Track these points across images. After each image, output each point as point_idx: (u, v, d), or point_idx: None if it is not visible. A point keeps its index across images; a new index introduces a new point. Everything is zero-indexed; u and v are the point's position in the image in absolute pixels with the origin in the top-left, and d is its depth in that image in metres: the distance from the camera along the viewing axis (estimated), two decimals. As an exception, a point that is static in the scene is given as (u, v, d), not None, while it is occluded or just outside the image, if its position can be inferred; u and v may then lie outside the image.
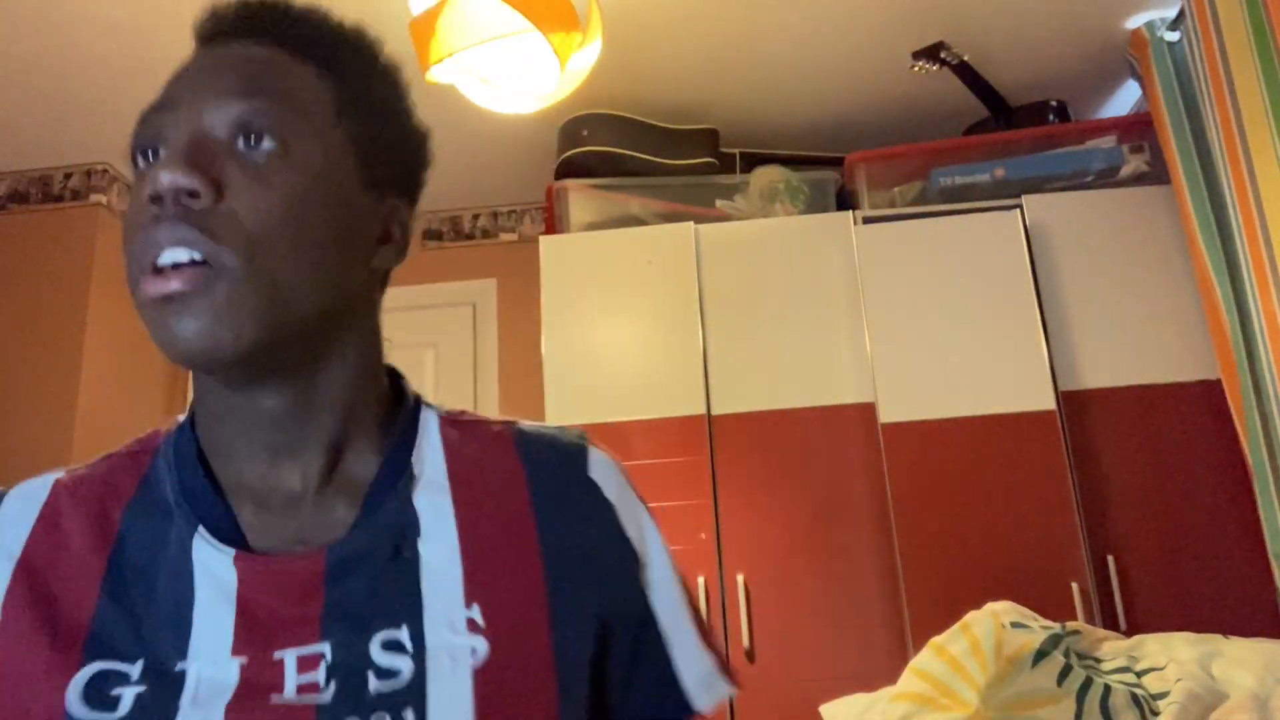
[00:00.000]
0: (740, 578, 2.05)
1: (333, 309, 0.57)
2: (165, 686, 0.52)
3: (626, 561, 0.62)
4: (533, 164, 2.67)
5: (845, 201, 2.46)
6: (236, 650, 0.53)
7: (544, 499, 0.61)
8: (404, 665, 0.53)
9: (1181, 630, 1.46)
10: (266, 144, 0.55)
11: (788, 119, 2.63)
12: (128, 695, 0.51)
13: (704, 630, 0.66)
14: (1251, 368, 1.95)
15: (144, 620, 0.54)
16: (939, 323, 2.18)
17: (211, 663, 0.52)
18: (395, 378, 0.67)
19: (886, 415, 2.13)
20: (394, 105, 0.66)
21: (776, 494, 2.14)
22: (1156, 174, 2.27)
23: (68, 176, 2.66)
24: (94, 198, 2.64)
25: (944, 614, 1.48)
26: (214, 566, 0.55)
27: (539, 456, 0.63)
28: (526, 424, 0.67)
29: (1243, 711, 1.15)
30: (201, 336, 0.51)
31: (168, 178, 0.51)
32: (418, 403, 0.66)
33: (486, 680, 0.54)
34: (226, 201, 0.52)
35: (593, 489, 0.63)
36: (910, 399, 2.13)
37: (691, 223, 2.34)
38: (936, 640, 1.35)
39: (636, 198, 2.42)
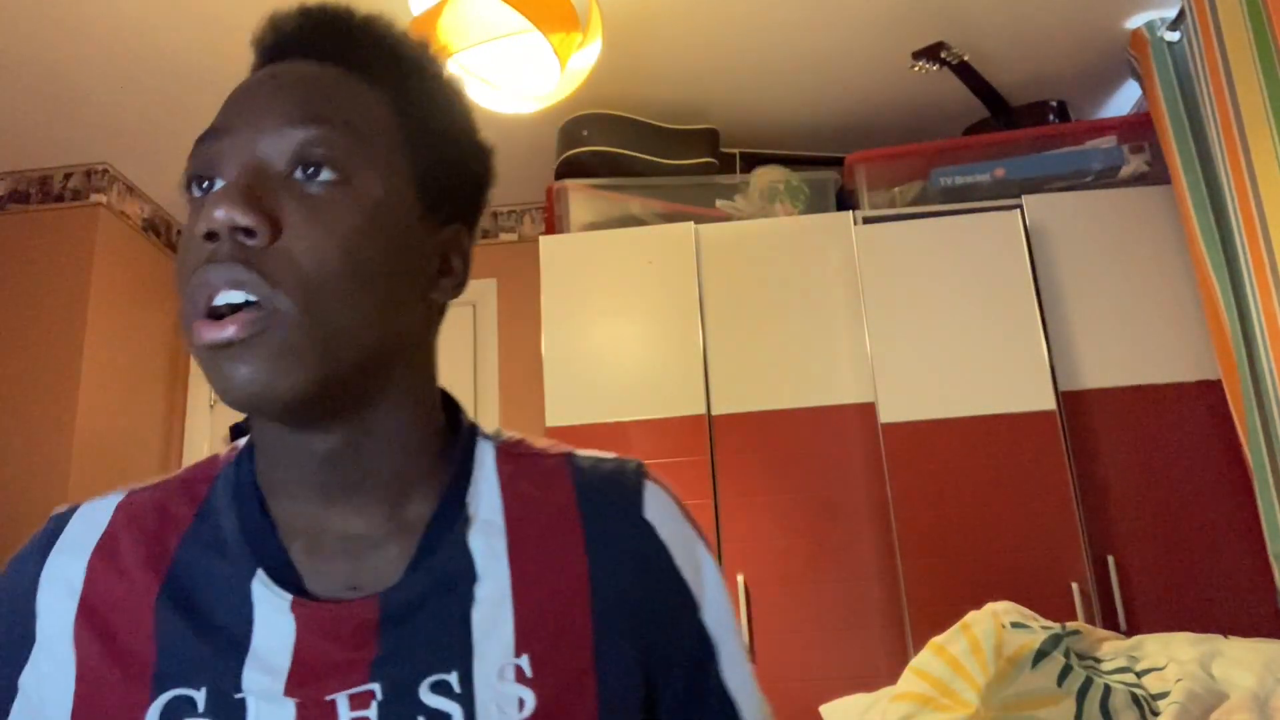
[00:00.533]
0: (740, 578, 2.05)
1: (388, 348, 0.56)
2: (228, 717, 0.52)
3: (681, 605, 0.61)
4: (533, 164, 2.67)
5: (845, 201, 2.46)
6: (290, 691, 0.52)
7: (598, 542, 0.60)
8: (453, 711, 0.53)
9: (1181, 630, 1.46)
10: (325, 174, 0.53)
11: (788, 119, 2.63)
12: None
13: (751, 671, 0.65)
14: (1251, 368, 1.95)
15: (202, 650, 0.54)
16: (939, 323, 2.18)
17: (267, 700, 0.52)
18: (450, 407, 0.65)
19: (886, 415, 2.13)
20: (458, 125, 0.63)
21: (776, 494, 2.14)
22: (1156, 174, 2.27)
23: (68, 176, 2.66)
24: (94, 198, 2.64)
25: (944, 614, 1.48)
26: (271, 609, 0.55)
27: (595, 496, 0.62)
28: (582, 456, 0.65)
29: (1243, 711, 1.15)
30: (257, 383, 0.49)
31: (223, 214, 0.49)
32: (473, 434, 0.64)
33: None
34: (283, 240, 0.51)
35: (648, 531, 0.61)
36: (910, 399, 2.13)
37: (691, 223, 2.34)
38: (936, 640, 1.35)
39: (636, 198, 2.42)
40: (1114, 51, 2.39)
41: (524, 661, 0.55)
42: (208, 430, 2.90)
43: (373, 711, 0.52)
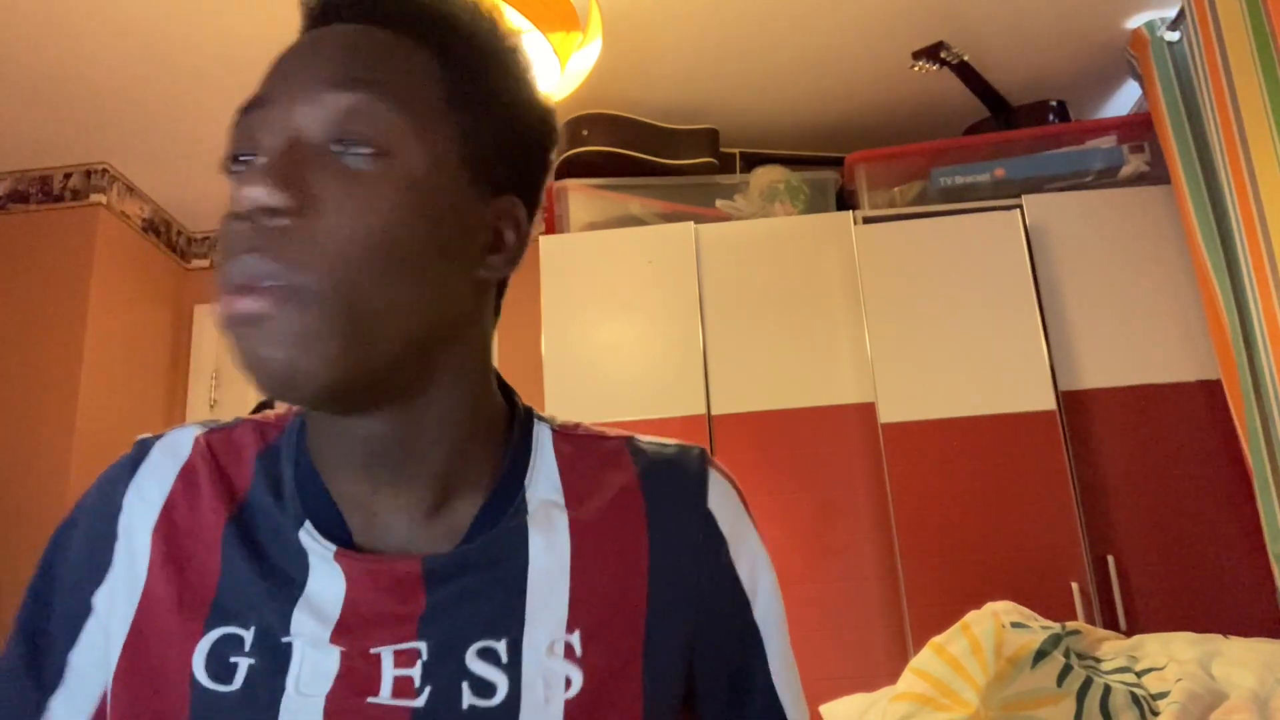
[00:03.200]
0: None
1: (432, 333, 0.53)
2: (273, 660, 0.52)
3: (734, 600, 0.60)
4: (533, 164, 2.66)
5: (845, 201, 2.46)
6: (336, 638, 0.52)
7: (659, 527, 0.59)
8: (499, 681, 0.52)
9: (1181, 630, 1.46)
10: (364, 147, 0.50)
11: (788, 119, 2.63)
12: (242, 666, 0.52)
13: (797, 674, 0.64)
14: (1251, 368, 1.94)
15: (259, 587, 0.54)
16: (939, 323, 2.18)
17: (313, 645, 0.52)
18: (505, 390, 0.64)
19: (886, 415, 2.13)
20: (513, 86, 0.59)
21: (776, 494, 2.14)
22: (1156, 174, 2.27)
23: (68, 176, 2.66)
24: (94, 198, 2.64)
25: (944, 614, 1.48)
26: (320, 559, 0.54)
27: (658, 480, 0.60)
28: (643, 440, 0.64)
29: (1243, 711, 1.15)
30: (282, 364, 0.47)
31: (251, 194, 0.47)
32: (529, 416, 0.63)
33: (577, 715, 0.52)
34: (317, 218, 0.48)
35: (710, 522, 0.60)
36: (910, 399, 2.13)
37: (691, 223, 2.34)
38: (936, 640, 1.35)
39: (636, 198, 2.42)
40: (1114, 51, 2.39)
41: (575, 638, 0.54)
42: (208, 430, 2.90)
43: (416, 671, 0.52)
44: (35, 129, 2.49)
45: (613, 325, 2.28)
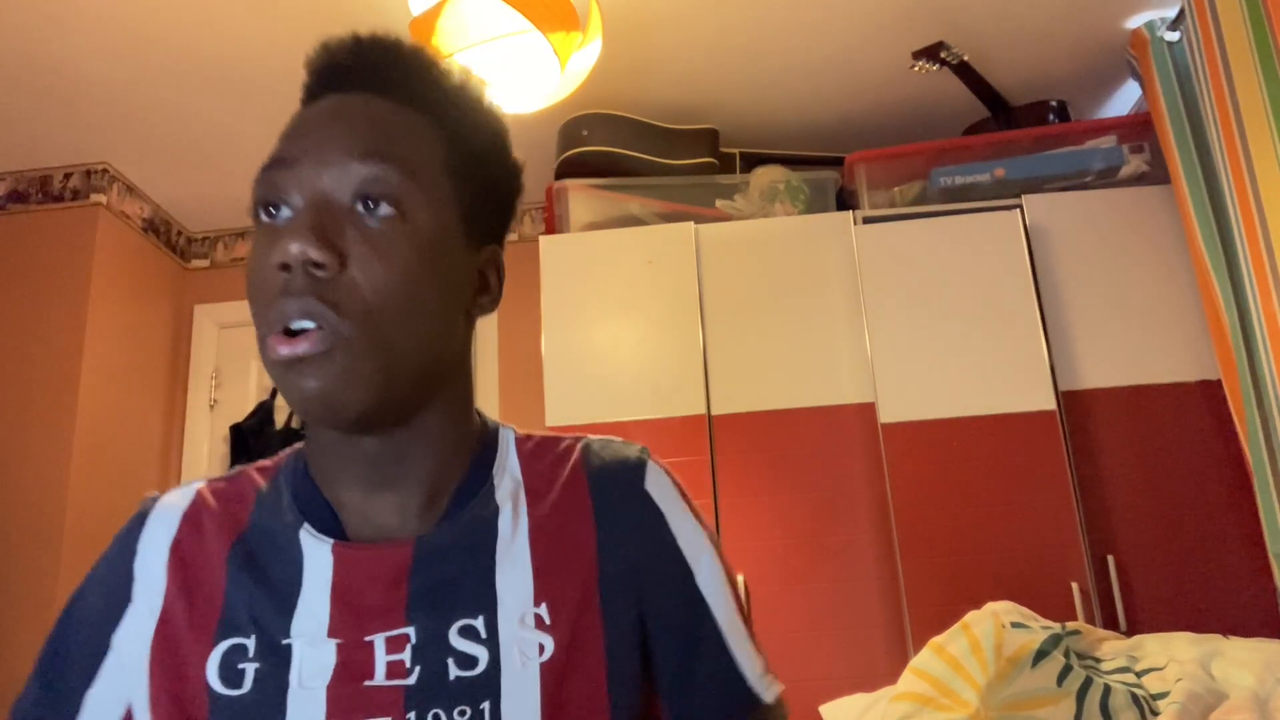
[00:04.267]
0: (740, 578, 2.05)
1: (436, 365, 0.62)
2: (276, 662, 0.58)
3: (677, 568, 0.66)
4: (533, 164, 2.65)
5: (845, 201, 2.46)
6: (333, 632, 0.59)
7: (604, 508, 0.66)
8: (480, 654, 0.59)
9: (1181, 630, 1.46)
10: (384, 209, 0.58)
11: (788, 119, 2.63)
12: (249, 671, 0.58)
13: (751, 633, 0.70)
14: (1251, 368, 1.94)
15: (256, 599, 0.60)
16: (939, 323, 2.18)
17: (311, 643, 0.58)
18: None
19: (886, 415, 2.13)
20: (498, 149, 0.68)
21: (776, 494, 2.14)
22: (1156, 174, 2.27)
23: (68, 176, 2.66)
24: (94, 198, 2.64)
25: (944, 614, 1.48)
26: (316, 555, 0.61)
27: (602, 469, 0.68)
28: (594, 439, 0.72)
29: (1243, 711, 1.15)
30: (325, 396, 0.56)
31: (298, 249, 0.55)
32: (496, 425, 0.72)
33: (551, 676, 0.59)
34: (348, 271, 0.56)
35: (647, 500, 0.67)
36: (910, 399, 2.13)
37: (691, 223, 2.34)
38: (936, 640, 1.35)
39: (636, 198, 2.42)
40: (1114, 51, 2.39)
41: (543, 610, 0.61)
42: (208, 430, 2.90)
43: (407, 654, 0.58)
44: (35, 129, 2.49)
45: (613, 325, 2.28)
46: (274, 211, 0.59)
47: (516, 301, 2.91)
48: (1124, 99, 2.61)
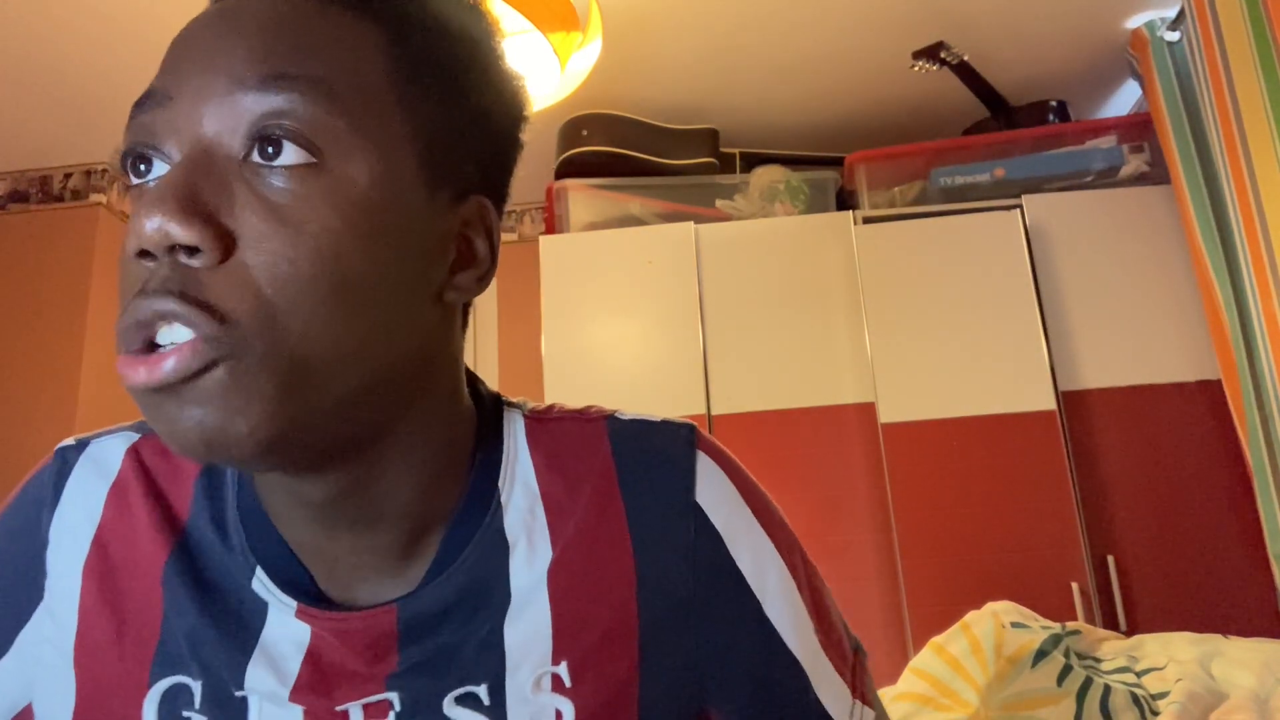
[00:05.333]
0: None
1: (391, 375, 0.44)
2: (227, 717, 0.47)
3: (740, 601, 0.53)
4: (532, 164, 2.66)
5: (845, 201, 2.46)
6: (295, 697, 0.47)
7: (642, 529, 0.52)
8: None
9: (1181, 630, 1.46)
10: (291, 157, 0.40)
11: (788, 119, 2.63)
12: None
13: (840, 651, 0.57)
14: (1251, 368, 1.94)
15: (201, 631, 0.48)
16: (939, 323, 2.18)
17: (272, 700, 0.47)
18: (470, 381, 0.55)
19: (886, 415, 2.13)
20: (479, 64, 0.48)
21: (776, 494, 2.13)
22: (1156, 174, 2.27)
23: (68, 176, 2.66)
24: (94, 198, 2.64)
25: (944, 614, 1.48)
26: (278, 610, 0.48)
27: (637, 472, 0.53)
28: (624, 421, 0.55)
29: (1243, 711, 1.15)
30: (207, 429, 0.39)
31: (155, 227, 0.38)
32: (498, 411, 0.55)
33: None
34: (238, 253, 0.39)
35: (699, 516, 0.53)
36: (910, 399, 2.13)
37: (691, 223, 2.34)
38: (936, 640, 1.35)
39: (636, 198, 2.42)
40: (1114, 51, 2.39)
41: (562, 669, 0.49)
42: (208, 430, 2.89)
43: None
44: (35, 129, 2.48)
45: (613, 325, 2.28)
46: (144, 169, 0.42)
47: (516, 302, 2.92)
48: (1124, 99, 2.61)
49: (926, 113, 2.59)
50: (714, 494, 0.54)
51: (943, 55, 2.33)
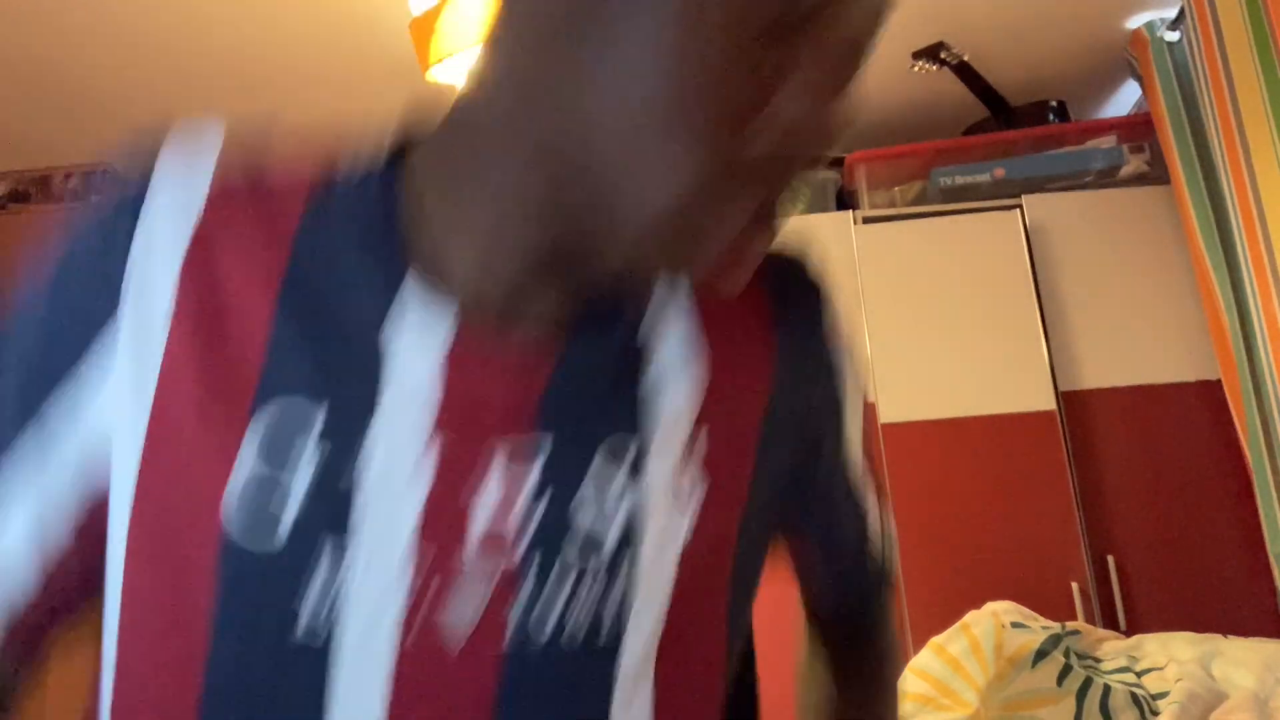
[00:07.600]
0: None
1: None
2: (351, 445, 0.39)
3: (835, 436, 0.56)
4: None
5: (845, 201, 2.46)
6: (441, 421, 0.40)
7: (786, 338, 0.51)
8: (625, 485, 0.42)
9: (1181, 630, 1.46)
10: None
11: (788, 119, 2.62)
12: (307, 451, 0.39)
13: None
14: (1251, 368, 1.94)
15: (329, 357, 0.40)
16: (939, 323, 2.18)
17: (406, 430, 0.40)
18: None
19: (886, 415, 2.13)
20: None
21: (776, 494, 2.14)
22: (1156, 174, 2.27)
23: (68, 176, 2.66)
24: (94, 198, 2.64)
25: (944, 614, 1.48)
26: (417, 315, 0.41)
27: (787, 283, 0.55)
28: None
29: (1243, 711, 1.15)
30: None
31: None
32: None
33: (701, 522, 0.45)
34: None
35: (828, 345, 0.54)
36: (910, 399, 2.13)
37: (691, 223, 2.34)
38: (936, 640, 1.35)
39: (636, 198, 2.42)
40: (1114, 51, 2.39)
41: (702, 437, 0.45)
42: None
43: (534, 469, 0.41)
44: (35, 129, 2.48)
45: (613, 325, 2.28)
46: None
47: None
48: (1124, 99, 2.61)
49: (926, 113, 2.59)
50: (837, 330, 0.55)
51: (942, 55, 2.33)
